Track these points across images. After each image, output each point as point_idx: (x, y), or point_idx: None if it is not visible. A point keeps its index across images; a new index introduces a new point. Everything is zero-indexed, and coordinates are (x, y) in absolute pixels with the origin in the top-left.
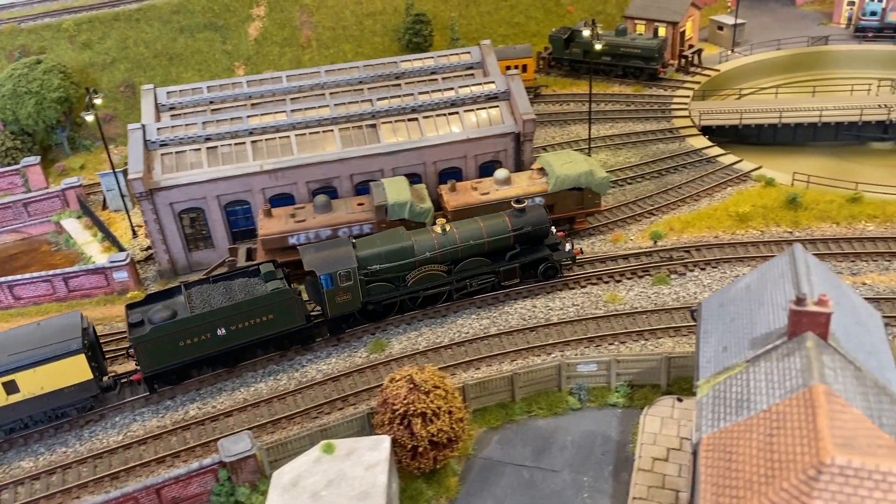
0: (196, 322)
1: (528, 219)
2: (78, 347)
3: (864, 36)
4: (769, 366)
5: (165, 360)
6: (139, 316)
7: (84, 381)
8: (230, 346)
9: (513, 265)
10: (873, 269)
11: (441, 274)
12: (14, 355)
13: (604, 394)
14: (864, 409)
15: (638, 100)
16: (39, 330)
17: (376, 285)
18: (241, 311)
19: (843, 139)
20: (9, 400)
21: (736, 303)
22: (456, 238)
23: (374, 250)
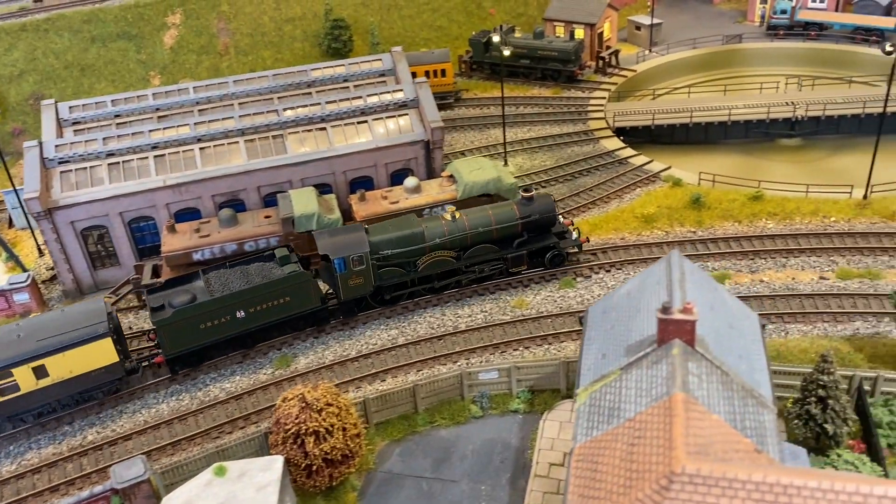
0: (216, 305)
1: (535, 207)
2: (105, 331)
3: (776, 33)
4: (640, 373)
5: (186, 343)
6: (160, 300)
7: (110, 364)
8: (249, 327)
9: (520, 252)
10: (771, 267)
11: (450, 260)
12: (43, 340)
13: (506, 400)
14: (727, 414)
15: (556, 102)
16: (64, 316)
17: (387, 270)
18: (259, 293)
19: (754, 136)
20: (39, 384)
21: (617, 309)
22: (465, 225)
23: (386, 236)
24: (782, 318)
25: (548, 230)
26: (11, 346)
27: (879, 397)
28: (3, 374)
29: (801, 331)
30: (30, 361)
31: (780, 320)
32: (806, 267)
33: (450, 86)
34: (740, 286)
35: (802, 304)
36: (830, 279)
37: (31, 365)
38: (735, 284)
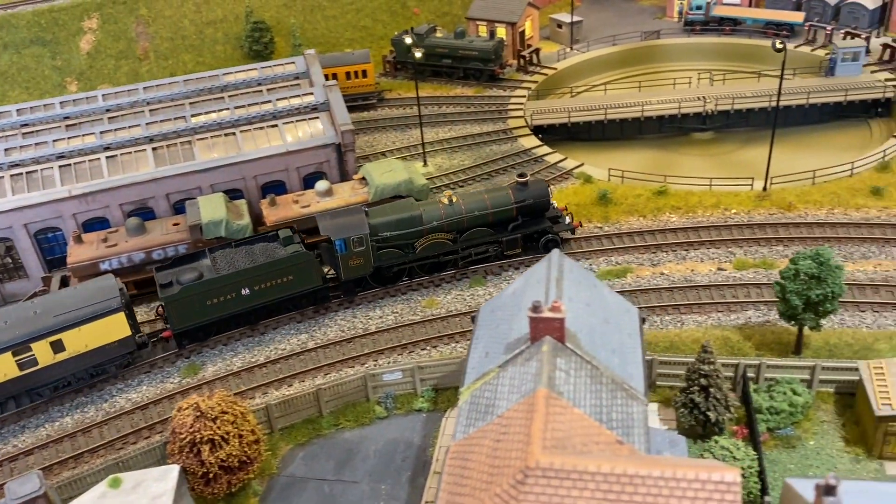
0: (222, 282)
1: (530, 192)
2: (118, 305)
3: (693, 29)
4: (514, 371)
5: (193, 318)
6: (168, 277)
7: (123, 338)
8: (253, 304)
9: (515, 236)
10: (672, 259)
11: (447, 242)
12: (59, 316)
13: (410, 400)
14: (592, 407)
15: (477, 101)
16: (77, 293)
17: (387, 251)
18: (263, 271)
19: (667, 131)
20: (56, 358)
21: (503, 308)
22: (462, 209)
23: (385, 218)
24: (679, 309)
25: (542, 215)
26: (29, 322)
27: (763, 383)
28: (23, 349)
29: (696, 321)
30: (48, 336)
31: (676, 311)
32: (705, 259)
33: (371, 86)
34: (641, 279)
35: (699, 296)
36: (728, 270)
37: (49, 339)
38: (637, 278)
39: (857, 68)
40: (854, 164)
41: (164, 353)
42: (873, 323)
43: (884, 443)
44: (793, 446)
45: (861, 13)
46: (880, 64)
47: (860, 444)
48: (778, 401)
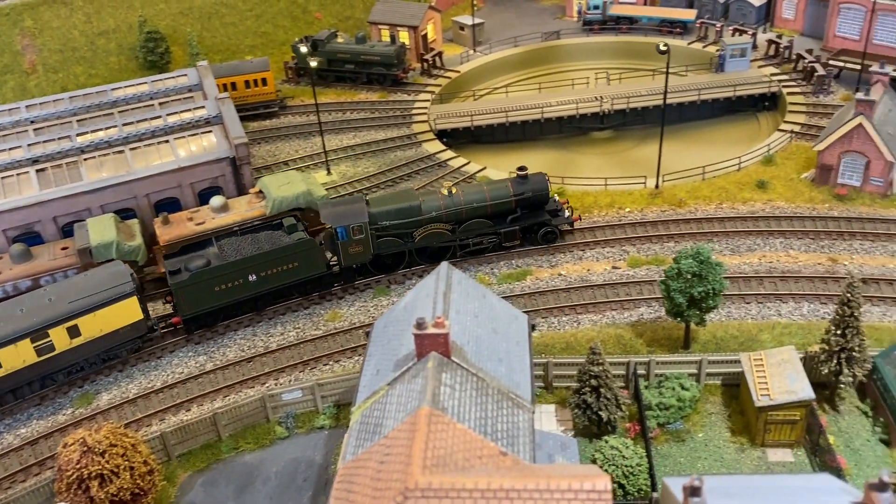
0: (230, 269)
1: (529, 185)
2: (131, 290)
3: (592, 28)
4: (402, 388)
5: (202, 304)
6: (177, 265)
7: (136, 322)
8: (259, 290)
9: (513, 228)
10: (569, 260)
11: (446, 232)
12: (74, 302)
13: (312, 418)
14: (477, 420)
15: (382, 107)
16: (88, 279)
17: (386, 240)
18: (269, 258)
19: (568, 132)
20: (72, 343)
21: (395, 323)
22: (461, 200)
23: (385, 207)
24: (575, 309)
25: (541, 207)
26: (45, 308)
27: (654, 380)
28: (41, 336)
29: (591, 321)
30: (64, 322)
31: (573, 312)
32: (601, 258)
33: (272, 94)
34: (540, 281)
35: (594, 295)
36: (622, 268)
37: (65, 325)
38: (536, 280)
39: (746, 64)
40: (741, 159)
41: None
42: (758, 314)
43: (765, 431)
44: (682, 440)
45: (748, 10)
46: (766, 59)
47: (745, 434)
48: (667, 396)
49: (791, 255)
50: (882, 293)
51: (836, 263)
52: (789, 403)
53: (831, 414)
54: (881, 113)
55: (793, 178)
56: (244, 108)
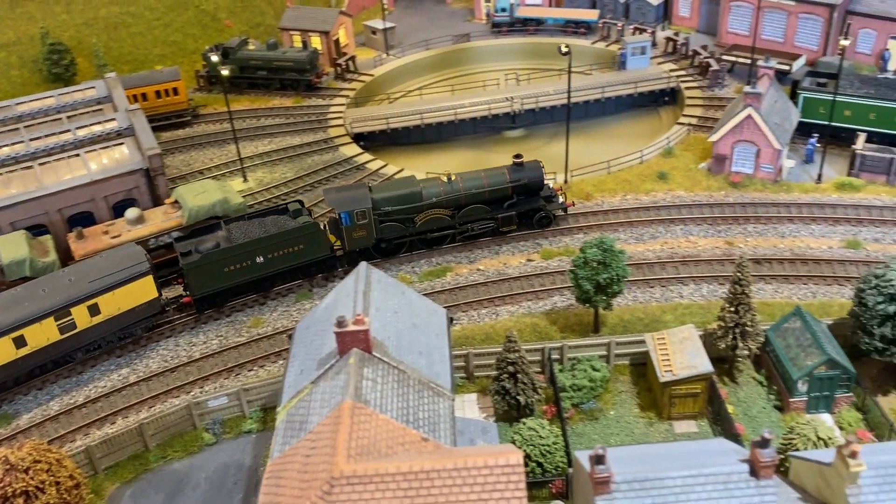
0: (238, 250)
1: (524, 172)
2: (147, 269)
3: (500, 30)
4: (325, 385)
5: (211, 284)
6: (188, 247)
7: (151, 300)
8: (267, 272)
9: (510, 213)
10: (487, 255)
11: (446, 218)
12: (94, 281)
13: (239, 423)
14: (399, 411)
15: (297, 112)
16: (104, 260)
17: (388, 225)
18: (276, 241)
19: (482, 131)
20: (93, 321)
21: (318, 324)
22: (460, 187)
23: (387, 194)
24: (493, 302)
25: (536, 194)
26: (66, 288)
27: (567, 363)
28: (63, 314)
29: (509, 312)
30: (85, 300)
31: (492, 304)
32: (516, 252)
33: (184, 104)
34: (460, 277)
35: (511, 287)
36: (536, 260)
37: (86, 304)
38: (456, 276)
39: (646, 61)
40: (643, 153)
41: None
42: (661, 297)
43: (670, 405)
44: (596, 418)
45: (647, 9)
46: (665, 56)
47: (653, 409)
48: (579, 378)
49: (691, 241)
50: (774, 271)
51: (732, 246)
52: (690, 378)
53: (731, 385)
54: (768, 104)
55: (691, 169)
56: (156, 119)
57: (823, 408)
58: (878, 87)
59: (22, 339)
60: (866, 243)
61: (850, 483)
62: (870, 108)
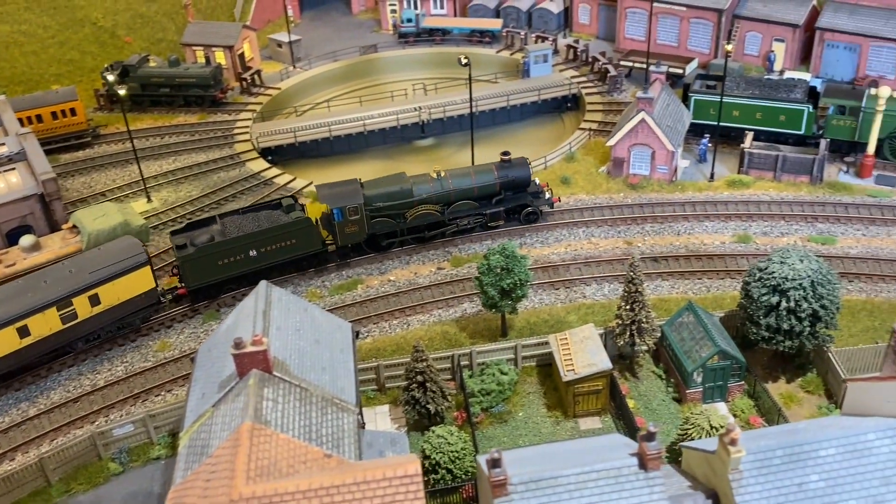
0: (232, 244)
1: (512, 169)
2: (145, 260)
3: (407, 41)
4: (226, 408)
5: (206, 277)
6: (183, 240)
7: (149, 290)
8: (260, 265)
9: (498, 209)
10: (398, 266)
11: (435, 213)
12: (95, 272)
13: (146, 450)
14: (301, 429)
15: (202, 128)
16: (104, 252)
17: (379, 220)
18: (269, 235)
19: (392, 142)
20: (93, 311)
21: (218, 346)
22: (449, 183)
23: (378, 190)
24: (405, 312)
25: (523, 190)
26: (68, 279)
27: (477, 368)
28: (65, 304)
29: (420, 321)
30: (86, 291)
31: (403, 315)
32: (426, 261)
33: (83, 124)
34: (371, 289)
35: (422, 296)
36: (446, 268)
37: (87, 294)
38: (367, 288)
39: (548, 68)
40: (547, 158)
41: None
42: (566, 298)
43: (575, 403)
44: (505, 421)
45: (549, 17)
46: (567, 63)
47: (559, 408)
48: (488, 383)
49: (593, 242)
50: (670, 268)
51: (632, 246)
52: (592, 375)
53: (632, 380)
54: (660, 108)
55: (592, 172)
56: (53, 141)
57: (718, 397)
58: (762, 88)
59: (26, 328)
60: (756, 237)
61: (731, 469)
62: (756, 108)
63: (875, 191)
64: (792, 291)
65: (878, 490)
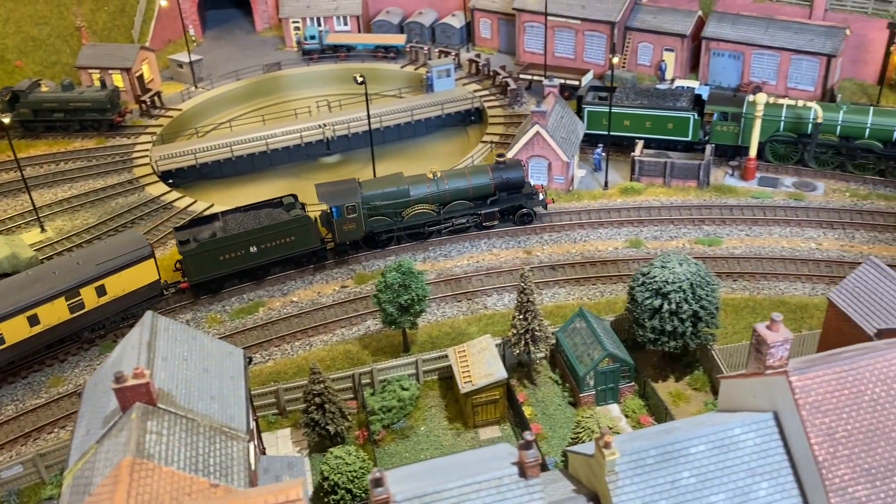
0: (233, 240)
1: (506, 171)
2: (149, 253)
3: (311, 58)
4: (109, 444)
5: (208, 271)
6: (186, 236)
7: (153, 282)
8: (260, 261)
9: (493, 209)
10: (300, 286)
11: (431, 212)
12: (101, 264)
13: (38, 490)
14: (187, 460)
15: (100, 154)
16: (110, 245)
17: (377, 219)
18: (269, 232)
19: (297, 159)
20: (99, 301)
21: (104, 380)
22: (445, 184)
23: (376, 190)
24: (307, 333)
25: (518, 191)
26: (76, 270)
27: (378, 386)
28: (73, 294)
29: (323, 341)
30: (93, 282)
31: (305, 336)
32: (330, 280)
33: None
34: (273, 311)
35: (325, 316)
36: (350, 286)
37: (94, 285)
38: (269, 310)
39: (451, 83)
40: None
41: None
42: (468, 309)
43: (474, 414)
44: (407, 436)
45: (452, 32)
46: (470, 77)
47: (459, 420)
48: (388, 399)
49: (494, 253)
50: (567, 276)
51: (531, 255)
52: (488, 385)
53: (530, 387)
54: (554, 120)
55: None
56: None
57: (611, 399)
58: (651, 98)
59: (35, 317)
60: (647, 241)
61: (607, 471)
62: (645, 118)
63: (758, 192)
64: (673, 294)
65: (745, 482)
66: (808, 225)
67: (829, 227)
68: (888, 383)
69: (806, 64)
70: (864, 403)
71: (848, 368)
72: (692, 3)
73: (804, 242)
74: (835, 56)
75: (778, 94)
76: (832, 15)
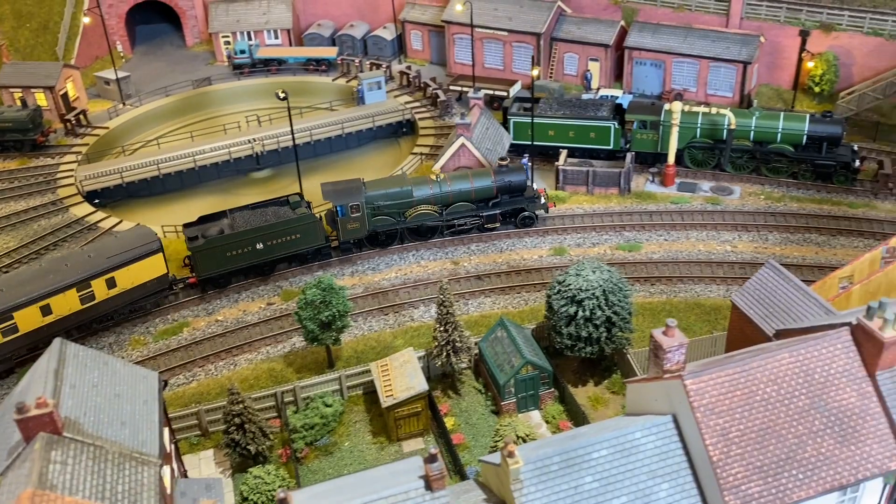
0: (240, 237)
1: (508, 174)
2: (158, 247)
3: (242, 72)
4: (13, 476)
5: (216, 267)
6: (195, 232)
7: (161, 275)
8: (266, 258)
9: (494, 212)
10: (224, 304)
11: (434, 213)
12: (112, 257)
13: None
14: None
15: (21, 175)
16: (120, 239)
17: (380, 218)
18: (275, 229)
19: (226, 175)
20: (109, 293)
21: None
22: (448, 186)
23: (380, 190)
24: (231, 352)
25: (520, 194)
26: (87, 263)
27: (302, 403)
28: (84, 286)
29: (248, 360)
30: (104, 274)
31: (229, 355)
32: (256, 297)
33: None
34: (197, 331)
35: (250, 334)
36: (276, 303)
37: (104, 277)
38: (193, 330)
39: (382, 95)
40: None
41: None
42: (395, 322)
43: (397, 427)
44: (331, 453)
45: (383, 44)
46: (401, 89)
47: (383, 434)
48: (311, 416)
49: (422, 265)
50: (492, 285)
51: (458, 266)
52: (410, 398)
53: (455, 398)
54: (479, 132)
55: None
56: None
57: (532, 405)
58: (573, 108)
59: (48, 307)
60: (570, 249)
61: (512, 479)
62: (569, 127)
63: (677, 197)
64: (586, 301)
65: (646, 484)
66: (724, 228)
67: (743, 229)
68: (778, 383)
69: (724, 71)
70: (755, 403)
71: (740, 370)
72: (615, 14)
73: (720, 245)
74: (750, 63)
75: (698, 101)
76: (747, 23)
